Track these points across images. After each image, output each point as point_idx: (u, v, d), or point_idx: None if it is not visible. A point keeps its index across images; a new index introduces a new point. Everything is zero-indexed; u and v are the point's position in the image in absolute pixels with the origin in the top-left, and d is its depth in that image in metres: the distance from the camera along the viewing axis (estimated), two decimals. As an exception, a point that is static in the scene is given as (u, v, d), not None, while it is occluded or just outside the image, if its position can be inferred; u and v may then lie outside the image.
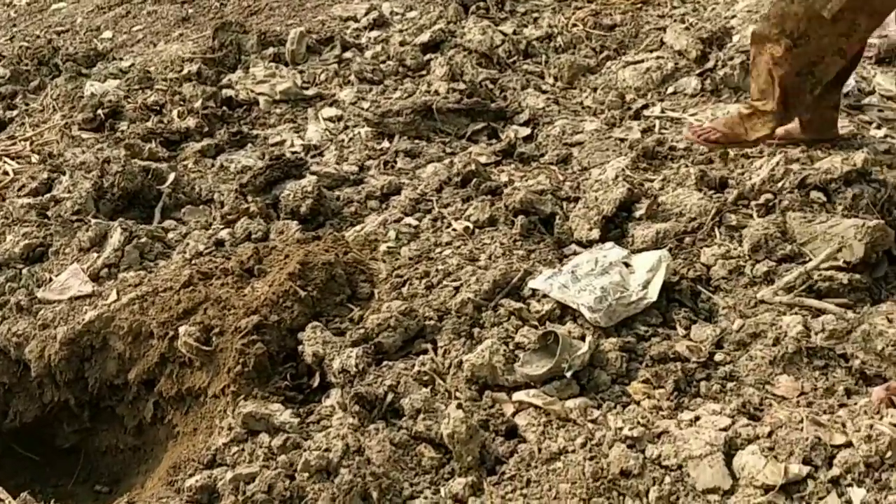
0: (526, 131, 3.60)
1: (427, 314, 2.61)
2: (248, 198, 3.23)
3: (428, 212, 3.13)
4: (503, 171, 3.34)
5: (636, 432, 2.14)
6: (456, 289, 2.68)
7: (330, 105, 3.97)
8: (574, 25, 4.30)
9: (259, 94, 3.98)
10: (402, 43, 4.38)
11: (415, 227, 3.06)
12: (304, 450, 2.13)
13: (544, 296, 2.62)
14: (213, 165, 3.44)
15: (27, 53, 4.53)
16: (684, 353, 2.40)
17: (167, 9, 4.96)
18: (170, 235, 3.01)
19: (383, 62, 4.26)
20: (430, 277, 2.76)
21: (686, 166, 3.11)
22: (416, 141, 3.61)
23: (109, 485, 2.72)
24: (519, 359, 2.39)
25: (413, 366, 2.42)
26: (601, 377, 2.35)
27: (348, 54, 4.35)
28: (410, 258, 2.88)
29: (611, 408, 2.26)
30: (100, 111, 3.72)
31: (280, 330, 2.56)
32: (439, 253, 2.90)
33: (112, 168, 3.16)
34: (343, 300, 2.73)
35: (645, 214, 2.88)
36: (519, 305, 2.59)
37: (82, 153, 3.41)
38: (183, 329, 2.55)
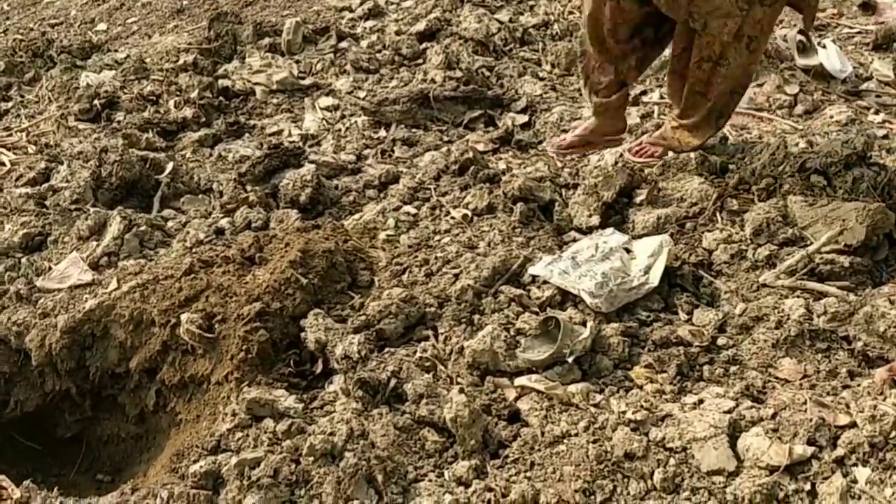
0: (523, 118, 3.60)
1: (427, 301, 2.60)
2: (247, 187, 3.22)
3: (426, 200, 3.13)
4: (501, 159, 3.35)
5: (639, 416, 2.14)
6: (456, 276, 2.68)
7: (326, 95, 3.96)
8: (570, 13, 4.30)
9: (256, 84, 3.96)
10: (398, 32, 4.38)
11: (413, 216, 3.05)
12: (309, 434, 2.13)
13: (545, 282, 2.61)
14: (212, 155, 3.43)
15: (21, 46, 4.51)
16: (687, 338, 2.40)
17: (161, 1, 4.94)
18: (169, 224, 3.00)
19: (379, 51, 4.25)
20: (430, 265, 2.75)
21: (686, 151, 3.10)
22: (414, 129, 3.61)
23: (112, 474, 2.71)
24: (520, 344, 2.39)
25: (415, 352, 2.41)
26: (603, 362, 2.35)
27: (344, 44, 4.34)
28: (410, 246, 2.88)
29: (613, 392, 2.26)
30: (96, 101, 3.70)
31: (282, 317, 2.55)
32: (438, 241, 2.89)
33: (110, 157, 3.14)
34: (344, 288, 2.72)
35: (645, 200, 2.88)
36: (519, 292, 2.59)
37: (79, 143, 3.40)
38: (185, 316, 2.54)
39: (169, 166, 3.24)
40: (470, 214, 2.98)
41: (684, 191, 2.89)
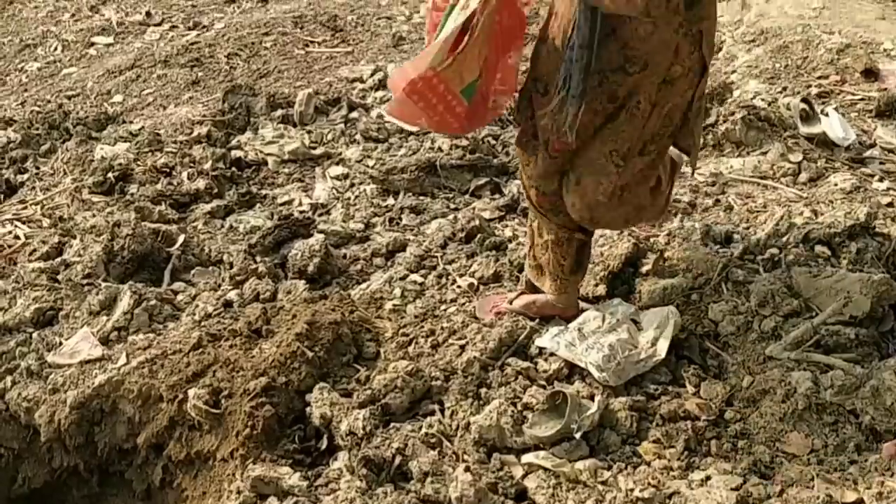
0: (530, 187, 3.63)
1: (434, 374, 2.61)
2: (257, 258, 3.25)
3: (433, 268, 3.15)
4: (507, 226, 3.37)
5: (647, 493, 2.14)
6: (462, 347, 2.69)
7: (337, 164, 4.02)
8: (576, 82, 4.36)
9: (268, 155, 4.02)
10: (408, 101, 4.44)
11: (420, 285, 3.07)
12: (313, 514, 2.13)
13: (551, 354, 2.62)
14: (223, 226, 3.48)
15: (38, 118, 4.60)
16: (694, 412, 2.40)
17: (177, 72, 5.04)
18: (179, 297, 3.03)
19: (388, 121, 4.32)
20: (436, 336, 2.77)
21: (691, 221, 3.13)
22: (421, 197, 3.65)
23: (119, 550, 2.71)
24: (527, 420, 2.39)
25: (420, 427, 2.41)
26: (611, 438, 2.35)
27: (355, 114, 4.41)
28: (416, 316, 2.89)
29: (621, 469, 2.25)
30: (110, 174, 3.76)
31: (288, 392, 2.57)
32: (444, 310, 2.91)
33: (122, 231, 3.19)
34: (350, 360, 2.74)
35: (651, 270, 2.90)
36: (526, 364, 2.59)
37: (93, 216, 3.45)
38: (192, 392, 2.56)
39: (180, 239, 3.29)
40: (476, 283, 3.00)
41: (689, 261, 2.91)
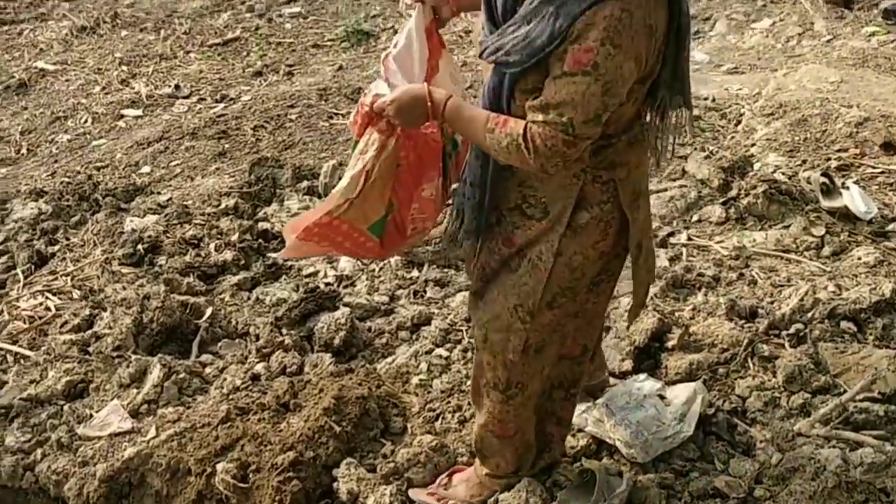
0: (554, 261, 3.66)
1: (459, 450, 2.61)
2: (283, 331, 3.28)
3: (458, 342, 3.17)
4: (532, 302, 3.39)
5: (678, 573, 2.11)
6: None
7: (361, 236, 4.07)
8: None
9: (293, 227, 4.08)
10: (431, 174, 4.51)
11: (446, 359, 3.09)
12: None
13: (579, 430, 2.62)
14: (250, 298, 3.52)
15: (68, 189, 4.70)
16: (724, 489, 2.38)
17: (204, 144, 5.15)
18: (207, 370, 3.06)
19: (412, 193, 4.38)
20: (463, 411, 2.77)
21: (715, 295, 3.14)
22: (445, 270, 3.68)
23: None
24: (556, 497, 2.38)
25: (448, 504, 2.41)
26: (640, 515, 2.33)
27: (379, 186, 4.48)
28: (442, 391, 2.90)
29: (651, 547, 2.23)
30: (139, 246, 3.83)
31: (315, 466, 2.58)
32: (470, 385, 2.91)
33: (152, 304, 3.24)
34: (377, 435, 2.75)
35: (677, 345, 2.90)
36: (554, 440, 2.59)
37: (122, 289, 3.51)
38: (220, 466, 2.56)
39: (208, 311, 3.33)
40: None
41: (715, 336, 2.91)
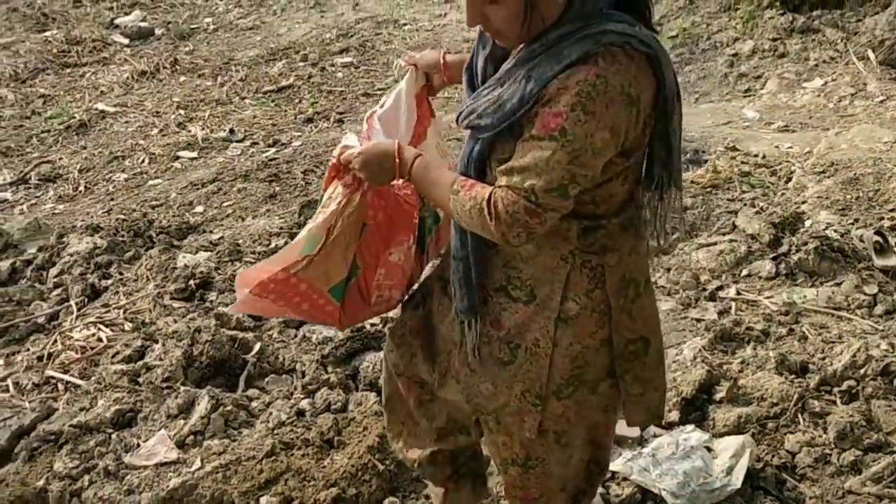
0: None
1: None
2: (329, 368, 3.31)
3: (503, 387, 3.16)
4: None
5: None
6: (534, 467, 2.66)
7: (407, 279, 4.10)
8: (645, 207, 4.43)
9: (341, 268, 4.13)
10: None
11: (491, 403, 3.07)
12: None
13: (624, 479, 2.59)
14: (296, 336, 3.55)
15: (123, 225, 4.81)
16: (772, 545, 2.34)
17: (256, 186, 5.25)
18: (253, 404, 3.09)
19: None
20: (508, 455, 2.75)
21: (765, 349, 3.11)
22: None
23: None
24: (601, 544, 2.35)
25: (491, 547, 2.38)
26: (686, 567, 2.29)
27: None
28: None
29: None
30: (191, 282, 3.90)
31: (358, 504, 2.58)
32: (516, 429, 2.90)
33: (202, 337, 3.29)
34: (419, 475, 2.73)
35: (725, 397, 2.87)
36: (599, 489, 2.56)
37: (174, 322, 3.57)
38: (264, 500, 2.58)
39: (256, 346, 3.37)
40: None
41: (764, 389, 2.88)
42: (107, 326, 3.72)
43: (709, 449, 2.65)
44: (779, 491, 2.56)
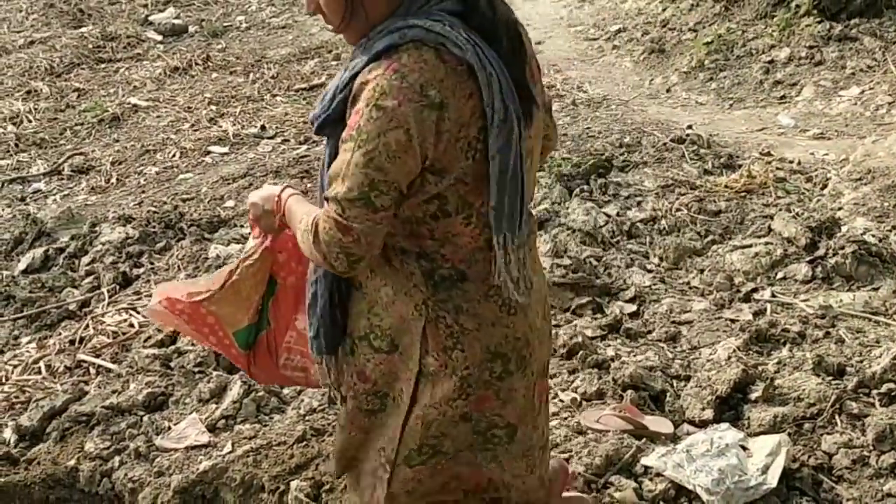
0: (632, 308, 3.63)
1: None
2: (359, 360, 3.29)
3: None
4: (609, 346, 3.35)
5: None
6: (565, 461, 2.64)
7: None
8: (678, 210, 4.39)
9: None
10: (509, 220, 4.53)
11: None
12: None
13: (658, 474, 2.56)
14: (327, 327, 3.55)
15: (154, 217, 4.84)
16: (809, 545, 2.30)
17: (286, 182, 5.27)
18: (285, 391, 3.08)
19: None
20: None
21: (801, 351, 3.07)
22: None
23: None
24: (635, 538, 2.32)
25: (523, 538, 2.36)
26: (721, 564, 2.26)
27: (456, 229, 4.52)
28: (518, 428, 2.86)
29: None
30: (222, 271, 3.91)
31: (389, 491, 2.55)
32: (548, 424, 2.88)
33: (233, 324, 3.29)
34: (451, 466, 2.72)
35: (761, 397, 2.83)
36: (632, 484, 2.53)
37: (205, 309, 3.57)
38: (294, 484, 2.57)
39: (287, 336, 3.36)
40: (579, 399, 2.97)
41: (801, 390, 2.84)
42: (138, 312, 3.74)
43: (744, 448, 2.61)
44: (815, 492, 2.52)
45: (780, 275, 3.66)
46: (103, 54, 7.97)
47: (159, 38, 8.33)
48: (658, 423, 2.78)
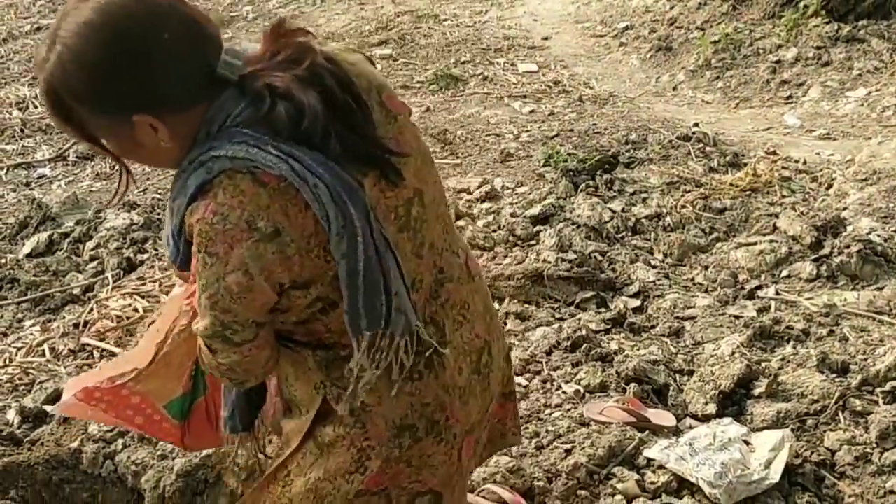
0: (636, 303, 3.63)
1: (535, 474, 2.58)
2: (363, 349, 3.30)
3: (538, 373, 3.15)
4: (613, 340, 3.36)
5: None
6: (567, 451, 2.65)
7: (443, 267, 4.09)
8: (683, 207, 4.39)
9: (375, 254, 4.13)
10: (513, 214, 4.53)
11: (525, 388, 3.06)
12: None
13: (660, 466, 2.57)
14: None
15: (160, 204, 4.84)
16: (811, 540, 2.30)
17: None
18: (289, 378, 3.08)
19: (494, 231, 4.40)
20: (541, 438, 2.74)
21: (805, 348, 3.07)
22: (526, 304, 3.67)
23: None
24: (637, 529, 2.32)
25: (524, 527, 2.37)
26: (722, 556, 2.26)
27: (461, 223, 4.51)
28: (521, 417, 2.87)
29: (734, 589, 2.16)
30: (226, 258, 3.91)
31: (391, 479, 2.56)
32: (549, 414, 2.89)
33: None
34: (453, 455, 2.72)
35: (764, 393, 2.83)
36: (634, 475, 2.54)
37: (210, 295, 3.58)
38: (297, 470, 2.56)
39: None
40: (582, 391, 2.98)
41: (804, 387, 2.84)
42: (143, 298, 3.74)
43: (747, 443, 2.61)
44: (817, 488, 2.53)
45: (785, 273, 3.66)
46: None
47: (166, 27, 8.32)
48: (661, 417, 2.79)
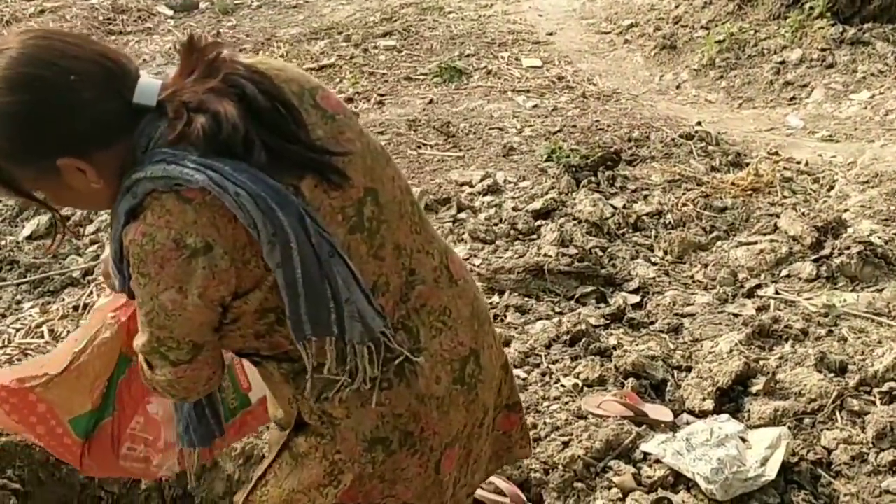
0: (635, 299, 3.64)
1: (532, 466, 2.58)
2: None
3: (537, 366, 3.15)
4: (612, 335, 3.36)
5: None
6: (565, 444, 2.66)
7: (443, 260, 4.09)
8: (684, 205, 4.40)
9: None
10: (515, 208, 4.54)
11: (523, 380, 3.07)
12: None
13: (657, 461, 2.57)
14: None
15: (161, 189, 4.84)
16: (806, 537, 2.31)
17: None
18: (288, 364, 3.09)
19: (496, 224, 4.41)
20: (538, 430, 2.75)
21: (804, 347, 3.08)
22: (526, 298, 3.68)
23: None
24: (632, 522, 2.33)
25: (520, 518, 2.37)
26: (717, 552, 2.27)
27: (463, 215, 4.52)
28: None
29: (728, 584, 2.16)
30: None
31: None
32: (547, 407, 2.89)
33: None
34: (451, 446, 2.73)
35: (762, 391, 2.84)
36: (631, 469, 2.55)
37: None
38: (294, 455, 2.57)
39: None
40: (581, 384, 2.98)
41: (802, 385, 2.85)
42: (143, 282, 3.74)
43: (743, 440, 2.62)
44: (813, 486, 2.53)
45: (785, 272, 3.67)
46: (113, 26, 7.95)
47: (170, 13, 8.31)
48: (658, 412, 2.79)
